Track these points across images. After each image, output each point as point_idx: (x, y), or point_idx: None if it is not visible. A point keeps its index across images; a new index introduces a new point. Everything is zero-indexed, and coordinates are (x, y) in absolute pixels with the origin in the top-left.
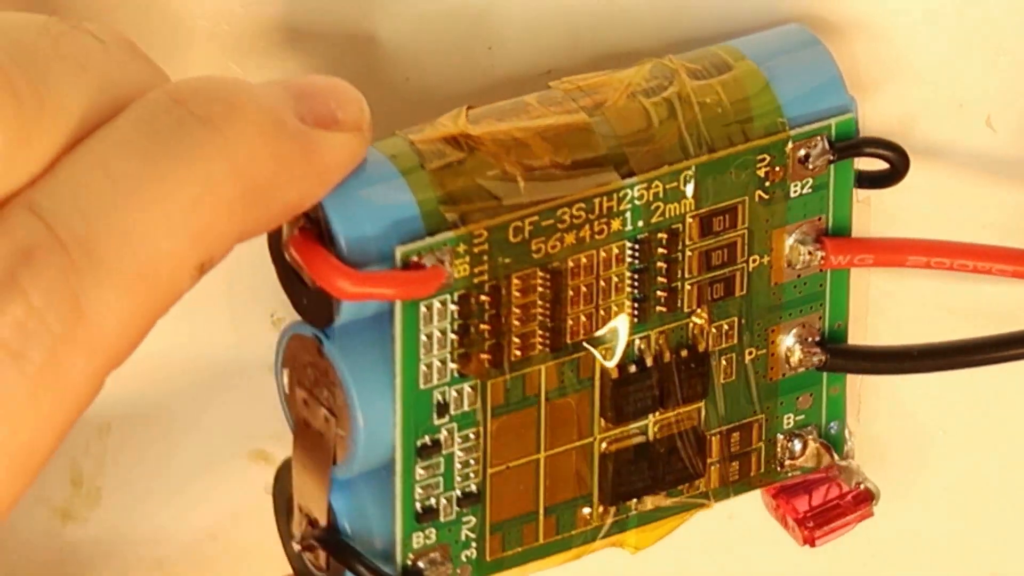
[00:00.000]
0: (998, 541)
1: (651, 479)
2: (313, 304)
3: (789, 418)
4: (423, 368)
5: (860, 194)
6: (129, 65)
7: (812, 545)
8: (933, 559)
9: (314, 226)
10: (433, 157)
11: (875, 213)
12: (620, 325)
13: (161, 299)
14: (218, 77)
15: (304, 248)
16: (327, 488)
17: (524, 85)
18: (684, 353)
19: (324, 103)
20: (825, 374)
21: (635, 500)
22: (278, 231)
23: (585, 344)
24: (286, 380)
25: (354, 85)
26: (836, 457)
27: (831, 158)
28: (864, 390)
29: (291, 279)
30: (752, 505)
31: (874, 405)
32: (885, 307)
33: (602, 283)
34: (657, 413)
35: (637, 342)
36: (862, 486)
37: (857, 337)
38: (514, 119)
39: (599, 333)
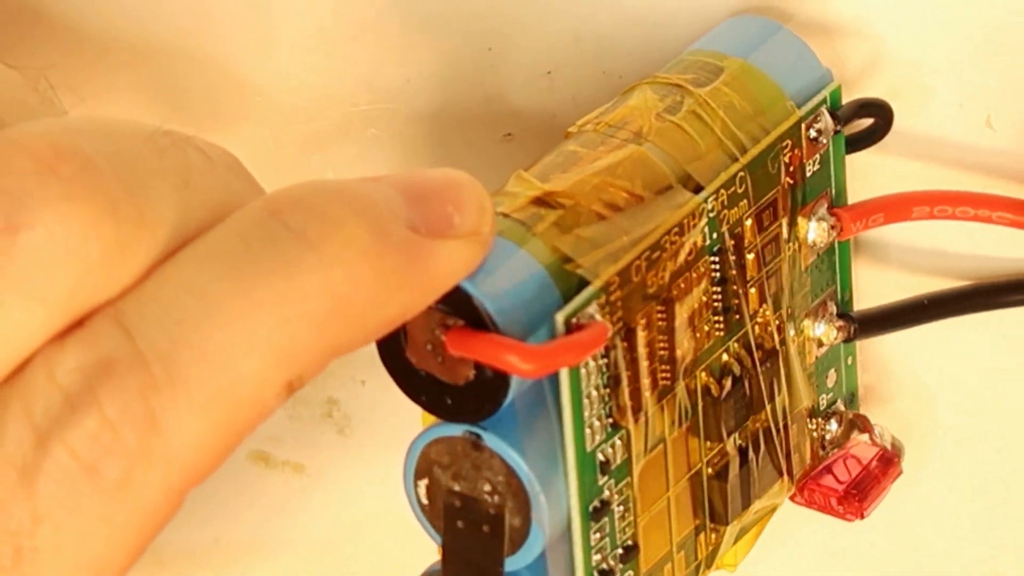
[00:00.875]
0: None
1: (750, 488)
2: (466, 400)
3: (823, 399)
4: (588, 431)
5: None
6: (233, 184)
7: (863, 517)
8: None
9: (456, 317)
10: (535, 222)
11: None
12: (713, 342)
13: (244, 418)
14: (320, 184)
15: (468, 342)
16: None
17: (524, 85)
18: (759, 354)
19: (441, 207)
20: (842, 346)
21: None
22: (394, 343)
23: (695, 372)
24: (423, 492)
25: (352, 88)
26: (871, 425)
27: (837, 128)
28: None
29: (424, 384)
30: None
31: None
32: None
33: (696, 304)
34: (749, 421)
35: (724, 355)
36: (890, 445)
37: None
38: (576, 167)
39: (699, 356)
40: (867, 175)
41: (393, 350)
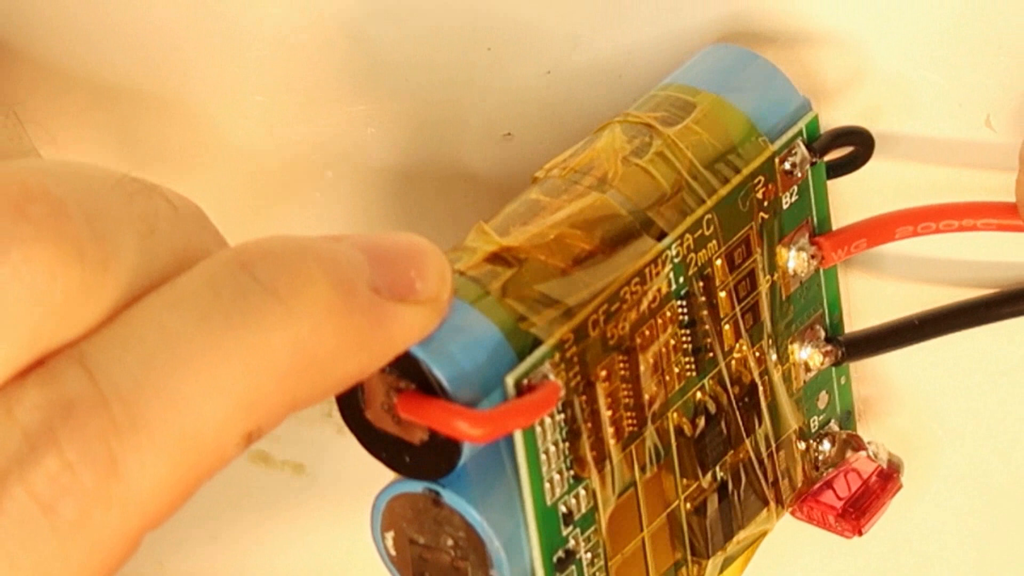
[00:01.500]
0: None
1: (732, 521)
2: (424, 459)
3: (815, 421)
4: (547, 485)
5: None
6: (198, 234)
7: (860, 534)
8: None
9: (408, 380)
10: (490, 280)
11: (870, 211)
12: (684, 383)
13: (204, 465)
14: (288, 240)
15: (418, 407)
16: None
17: (524, 85)
18: (736, 390)
19: (403, 271)
20: (834, 367)
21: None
22: (353, 402)
23: (666, 414)
24: (390, 543)
25: (352, 88)
26: (865, 444)
27: (813, 160)
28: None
29: (383, 443)
30: None
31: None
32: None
33: (663, 349)
34: (729, 456)
35: (698, 394)
36: (886, 462)
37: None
38: (537, 219)
39: (670, 398)
40: (865, 180)
41: (353, 409)
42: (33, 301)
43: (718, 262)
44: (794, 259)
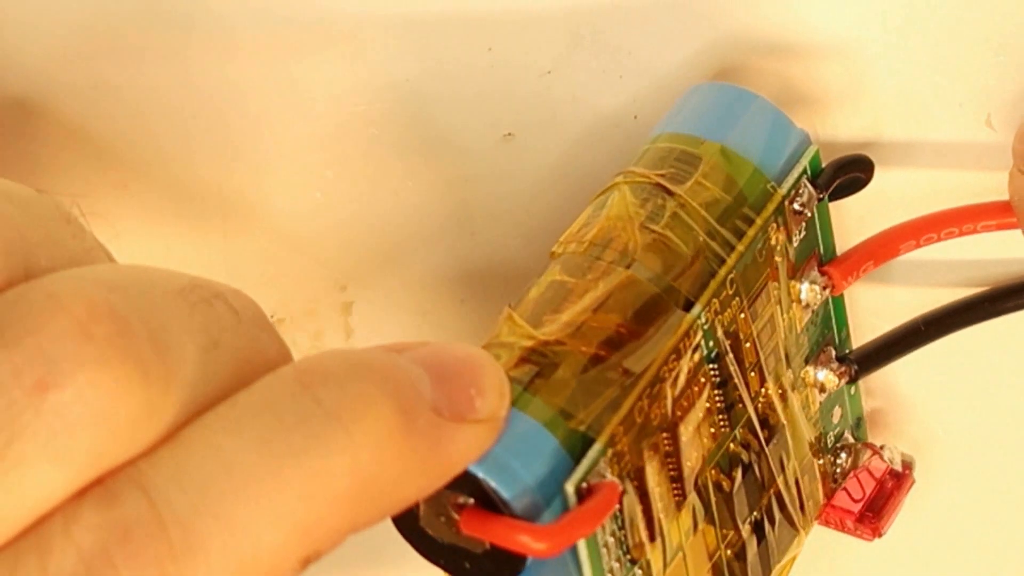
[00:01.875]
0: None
1: (769, 556)
2: (484, 566)
3: (831, 436)
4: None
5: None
6: (259, 339)
7: (880, 536)
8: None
9: (466, 496)
10: (533, 379)
11: (874, 216)
12: (720, 440)
13: None
14: (350, 356)
15: (481, 524)
16: None
17: (524, 85)
18: (765, 433)
19: (463, 390)
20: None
21: None
22: (409, 513)
23: (705, 472)
24: None
25: (350, 89)
26: (880, 448)
27: (820, 197)
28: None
29: (441, 551)
30: None
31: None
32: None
33: (700, 414)
34: (764, 498)
35: (731, 446)
36: (899, 463)
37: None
38: (567, 304)
39: (707, 457)
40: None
41: (408, 521)
42: (96, 424)
43: (742, 316)
44: (806, 292)
